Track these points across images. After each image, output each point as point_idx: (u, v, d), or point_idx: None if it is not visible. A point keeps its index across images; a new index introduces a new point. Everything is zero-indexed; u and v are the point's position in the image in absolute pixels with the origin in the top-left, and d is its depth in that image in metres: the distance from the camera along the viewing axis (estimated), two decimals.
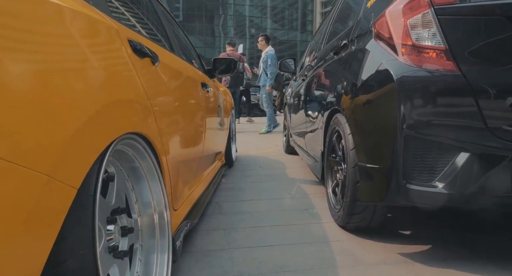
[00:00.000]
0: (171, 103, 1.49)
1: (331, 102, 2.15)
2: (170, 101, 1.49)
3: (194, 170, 2.03)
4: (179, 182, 1.64)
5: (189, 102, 1.81)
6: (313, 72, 2.92)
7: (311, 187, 2.84)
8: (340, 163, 2.03)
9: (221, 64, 2.94)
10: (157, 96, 1.30)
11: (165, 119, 1.36)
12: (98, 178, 0.80)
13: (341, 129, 1.91)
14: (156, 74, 1.35)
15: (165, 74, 1.47)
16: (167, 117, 1.39)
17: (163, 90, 1.40)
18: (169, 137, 1.40)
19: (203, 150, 2.15)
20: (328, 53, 2.47)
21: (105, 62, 0.93)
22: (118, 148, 1.04)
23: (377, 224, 1.82)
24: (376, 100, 1.55)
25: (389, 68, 1.48)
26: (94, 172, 0.79)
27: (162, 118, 1.32)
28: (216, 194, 2.67)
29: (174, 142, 1.49)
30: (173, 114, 1.50)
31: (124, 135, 0.97)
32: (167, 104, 1.43)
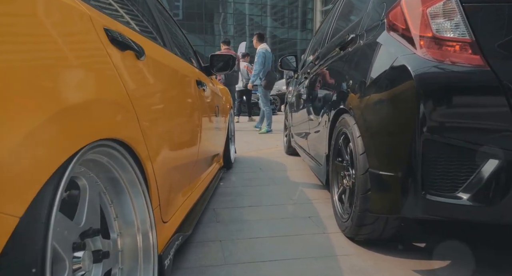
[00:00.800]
0: (160, 103, 1.32)
1: (337, 101, 1.98)
2: (159, 101, 1.32)
3: (188, 176, 1.86)
4: (169, 191, 1.47)
5: (182, 101, 1.64)
6: (317, 69, 2.75)
7: (314, 192, 2.67)
8: (347, 168, 1.86)
9: (219, 61, 2.77)
10: (142, 96, 1.13)
11: (153, 122, 1.20)
12: (54, 199, 0.63)
13: (348, 131, 1.74)
14: (142, 70, 1.18)
15: (153, 70, 1.30)
16: (155, 120, 1.23)
17: (150, 88, 1.23)
18: (157, 142, 1.23)
19: (199, 153, 1.98)
20: (334, 49, 2.30)
21: (71, 54, 0.76)
22: (90, 157, 0.87)
23: (389, 236, 1.65)
24: (390, 99, 1.38)
25: (406, 63, 1.30)
26: (48, 191, 0.62)
27: (149, 121, 1.15)
28: (213, 199, 2.51)
29: (163, 147, 1.32)
30: (162, 116, 1.33)
31: (95, 143, 0.80)
32: (155, 104, 1.26)
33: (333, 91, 2.11)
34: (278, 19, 48.09)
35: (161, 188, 1.28)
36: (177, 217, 1.56)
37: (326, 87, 2.36)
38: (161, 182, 1.29)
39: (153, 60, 1.31)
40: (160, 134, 1.29)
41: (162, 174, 1.30)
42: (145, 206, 1.06)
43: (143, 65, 1.19)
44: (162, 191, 1.31)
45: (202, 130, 2.06)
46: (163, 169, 1.32)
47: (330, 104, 2.13)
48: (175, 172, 1.55)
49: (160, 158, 1.27)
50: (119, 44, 1.01)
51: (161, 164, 1.29)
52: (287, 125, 4.56)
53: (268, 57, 6.39)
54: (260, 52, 6.37)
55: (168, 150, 1.40)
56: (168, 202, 1.45)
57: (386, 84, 1.41)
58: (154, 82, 1.28)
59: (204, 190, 2.26)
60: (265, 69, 6.36)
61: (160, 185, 1.26)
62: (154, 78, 1.29)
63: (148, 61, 1.24)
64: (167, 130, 1.39)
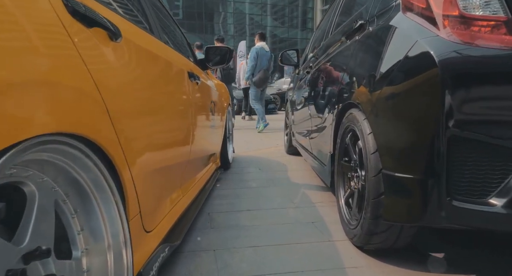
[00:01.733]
0: (141, 96, 1.13)
1: (344, 95, 1.80)
2: (141, 92, 1.13)
3: (179, 178, 1.68)
4: (154, 197, 1.28)
5: (170, 94, 1.46)
6: (320, 62, 2.56)
7: (318, 194, 2.49)
8: (355, 169, 1.67)
9: (216, 54, 2.58)
10: (116, 85, 0.95)
11: (131, 117, 1.01)
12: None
13: (357, 127, 1.56)
14: (117, 53, 0.99)
15: (133, 56, 1.11)
16: (134, 115, 1.04)
17: (128, 76, 1.05)
18: (137, 141, 1.05)
19: (191, 153, 1.80)
20: (339, 39, 2.12)
21: (9, 25, 0.58)
22: (40, 158, 0.69)
23: (404, 245, 1.47)
24: (409, 90, 1.19)
25: (427, 47, 1.12)
26: None
27: (126, 116, 0.96)
28: (208, 203, 2.32)
29: (146, 147, 1.13)
30: (145, 110, 1.15)
31: (38, 138, 0.62)
32: (135, 96, 1.08)
33: (338, 84, 1.93)
34: (278, 18, 47.93)
35: (142, 193, 1.09)
36: (164, 225, 1.38)
37: (331, 81, 2.17)
38: (143, 187, 1.10)
39: (134, 44, 1.13)
40: (142, 132, 1.11)
41: (143, 178, 1.12)
42: (118, 217, 0.88)
43: (119, 49, 1.01)
44: (144, 197, 1.13)
45: (195, 128, 1.88)
46: (145, 172, 1.13)
47: (336, 99, 1.94)
48: (162, 174, 1.37)
49: (141, 159, 1.09)
50: (83, 19, 0.82)
51: (143, 166, 1.11)
52: (287, 124, 4.37)
53: (261, 55, 6.34)
54: (253, 48, 6.43)
55: (152, 150, 1.22)
56: (152, 209, 1.27)
57: (403, 72, 1.22)
58: (134, 70, 1.10)
59: (198, 193, 2.08)
60: (258, 66, 6.33)
61: (141, 190, 1.08)
62: (133, 65, 1.10)
63: (126, 45, 1.06)
64: (151, 127, 1.20)
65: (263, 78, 6.40)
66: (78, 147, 0.75)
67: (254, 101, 6.67)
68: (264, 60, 6.36)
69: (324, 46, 2.56)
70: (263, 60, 6.34)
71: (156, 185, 1.31)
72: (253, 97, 6.67)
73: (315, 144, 2.62)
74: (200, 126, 2.03)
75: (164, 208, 1.43)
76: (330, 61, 2.26)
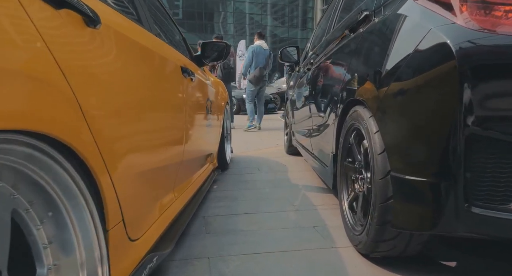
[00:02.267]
0: (124, 90, 1.02)
1: (347, 91, 1.68)
2: (124, 86, 1.02)
3: (171, 181, 1.57)
4: (140, 202, 1.17)
5: (159, 90, 1.34)
6: (321, 58, 2.45)
7: (319, 196, 2.37)
8: (359, 170, 1.56)
9: (213, 50, 2.47)
10: (92, 77, 0.83)
11: (110, 113, 0.90)
12: None
13: (362, 126, 1.44)
14: (93, 41, 0.88)
15: (114, 45, 1.00)
16: (115, 111, 0.93)
17: (107, 68, 0.93)
18: (118, 141, 0.93)
19: (184, 154, 1.69)
20: (341, 33, 2.00)
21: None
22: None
23: (414, 253, 1.35)
24: (421, 85, 1.08)
25: (442, 36, 1.01)
26: None
27: (103, 112, 0.85)
28: (204, 205, 2.21)
29: (130, 147, 1.02)
30: (129, 107, 1.04)
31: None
32: (117, 90, 0.97)
33: (341, 80, 1.81)
34: (278, 18, 47.83)
35: (126, 199, 0.98)
36: (153, 232, 1.27)
37: (333, 77, 2.06)
38: (127, 192, 0.99)
39: (116, 33, 1.01)
40: (125, 131, 1.00)
41: (128, 182, 1.01)
42: (92, 227, 0.76)
43: (98, 37, 0.90)
44: (129, 203, 1.02)
45: (189, 127, 1.76)
46: (129, 176, 1.02)
47: (338, 96, 1.83)
48: (150, 177, 1.25)
49: (124, 162, 0.98)
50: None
51: (127, 169, 1.00)
52: (287, 123, 4.26)
53: (258, 53, 6.30)
54: (250, 47, 6.44)
55: (138, 151, 1.11)
56: (139, 215, 1.16)
57: (415, 65, 1.11)
58: (115, 61, 0.99)
59: (193, 196, 1.97)
60: (254, 65, 6.29)
61: (125, 196, 0.97)
62: (114, 56, 0.99)
63: (106, 33, 0.95)
64: (137, 125, 1.09)
65: (258, 76, 6.33)
66: (40, 148, 0.64)
67: (248, 99, 6.65)
68: (261, 58, 6.31)
69: (326, 42, 2.44)
70: (259, 59, 6.30)
71: (143, 189, 1.20)
72: (248, 95, 6.65)
73: (316, 144, 2.51)
74: (195, 124, 1.92)
75: (154, 214, 1.32)
76: (332, 57, 2.15)
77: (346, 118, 1.69)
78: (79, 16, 0.81)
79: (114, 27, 1.00)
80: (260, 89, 6.63)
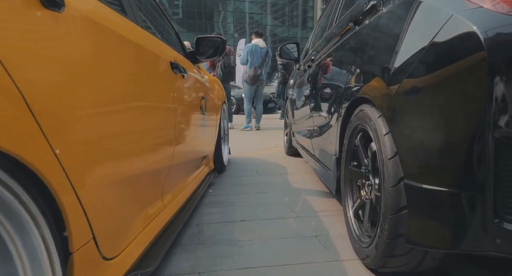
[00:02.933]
0: (94, 85, 0.87)
1: (352, 89, 1.54)
2: (92, 81, 0.87)
3: (159, 186, 1.43)
4: (118, 214, 1.03)
5: (141, 86, 1.20)
6: (323, 54, 2.31)
7: (321, 202, 2.23)
8: (366, 175, 1.42)
9: (208, 46, 2.33)
10: (47, 70, 0.69)
11: (74, 115, 0.76)
12: None
13: (370, 127, 1.30)
14: (53, 27, 0.73)
15: (84, 33, 0.85)
16: (80, 111, 0.79)
17: (73, 57, 0.79)
18: (83, 144, 0.79)
19: (174, 157, 1.54)
20: (345, 26, 1.86)
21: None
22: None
23: (429, 269, 1.21)
24: (442, 81, 0.93)
25: (467, 22, 0.86)
26: None
27: (64, 113, 0.71)
28: (197, 211, 2.06)
29: (101, 151, 0.88)
30: (100, 106, 0.89)
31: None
32: (82, 86, 0.82)
33: (346, 77, 1.67)
34: (278, 18, 47.71)
35: (97, 213, 0.84)
36: (135, 247, 1.12)
37: (337, 74, 1.91)
38: (97, 205, 0.85)
39: (86, 19, 0.87)
40: (97, 135, 0.85)
41: (99, 193, 0.86)
42: (45, 254, 0.62)
43: (60, 22, 0.75)
44: (101, 217, 0.87)
45: (180, 127, 1.62)
46: (101, 186, 0.88)
47: (342, 94, 1.68)
48: (132, 185, 1.11)
49: (94, 170, 0.83)
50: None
51: (97, 178, 0.86)
52: (287, 123, 4.11)
53: (254, 51, 6.18)
54: (245, 46, 6.43)
55: (114, 157, 0.96)
56: (115, 230, 1.01)
57: (434, 58, 0.96)
58: (81, 51, 0.84)
59: (185, 202, 1.82)
60: (250, 64, 6.18)
61: (95, 210, 0.83)
62: (81, 45, 0.84)
63: (72, 18, 0.80)
64: (112, 128, 0.95)
65: (252, 75, 6.20)
66: None
67: (246, 99, 6.55)
68: (256, 57, 6.18)
69: (328, 36, 2.30)
70: (254, 58, 6.17)
71: (122, 199, 1.05)
72: (246, 95, 6.55)
73: (317, 145, 2.37)
74: (187, 124, 1.77)
75: (136, 226, 1.18)
76: (335, 52, 2.00)
77: (351, 118, 1.54)
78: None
79: (84, 12, 0.86)
80: (258, 88, 6.49)
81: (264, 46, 6.31)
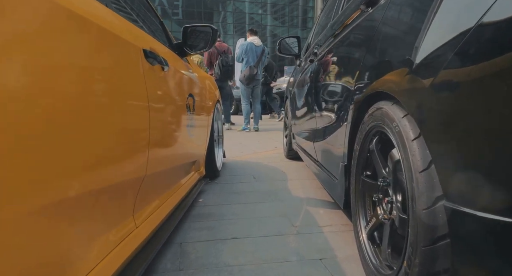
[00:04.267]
0: (16, 75, 0.60)
1: (366, 83, 1.26)
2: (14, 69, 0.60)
3: (129, 203, 1.15)
4: (61, 244, 0.75)
5: (98, 77, 0.92)
6: (328, 46, 2.03)
7: (325, 213, 1.95)
8: (384, 189, 1.14)
9: (196, 36, 2.06)
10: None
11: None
12: None
13: (391, 129, 1.03)
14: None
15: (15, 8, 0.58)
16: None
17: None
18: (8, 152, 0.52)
19: (149, 166, 1.26)
20: (355, 10, 1.58)
21: None
22: None
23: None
24: (499, 71, 0.65)
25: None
26: None
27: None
28: (183, 226, 1.79)
29: (33, 161, 0.60)
30: (33, 100, 0.62)
31: None
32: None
33: (357, 70, 1.39)
34: (278, 18, 47.52)
35: (24, 245, 0.56)
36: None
37: (345, 66, 1.64)
38: (25, 233, 0.57)
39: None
40: (27, 138, 0.58)
41: (28, 219, 0.59)
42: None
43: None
44: (30, 252, 0.60)
45: (156, 129, 1.34)
46: (32, 209, 0.60)
47: (352, 89, 1.41)
48: (81, 205, 0.84)
49: (23, 186, 0.56)
50: None
51: (26, 199, 0.58)
52: (287, 124, 3.84)
53: (249, 50, 5.90)
54: (240, 44, 6.10)
55: (52, 168, 0.69)
56: (58, 265, 0.74)
57: (484, 41, 0.69)
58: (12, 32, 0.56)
59: (166, 217, 1.55)
60: (245, 63, 5.92)
61: (21, 241, 0.55)
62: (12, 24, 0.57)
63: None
64: (47, 128, 0.67)
65: (248, 75, 5.92)
66: None
67: (243, 100, 6.27)
68: (252, 56, 5.89)
69: (334, 26, 2.02)
70: (250, 56, 5.89)
71: (67, 224, 0.78)
72: (243, 95, 6.25)
73: (321, 149, 2.09)
74: (167, 126, 1.50)
75: (91, 255, 0.90)
76: (342, 42, 1.73)
77: (364, 118, 1.27)
78: None
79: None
80: (254, 88, 6.22)
81: (260, 44, 6.03)
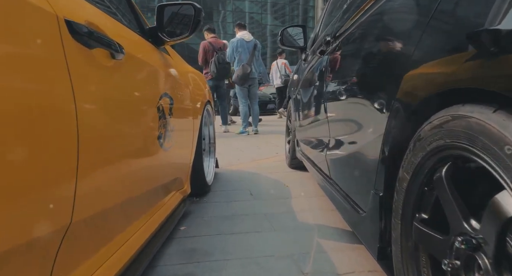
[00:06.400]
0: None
1: (429, 73, 0.79)
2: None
3: (46, 263, 0.68)
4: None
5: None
6: (351, 26, 1.54)
7: (343, 252, 1.48)
8: (467, 256, 0.67)
9: (174, 18, 1.59)
10: None
11: None
12: None
13: (493, 155, 0.55)
14: None
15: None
16: None
17: None
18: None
19: (75, 209, 0.79)
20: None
21: None
22: None
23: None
24: None
25: None
26: None
27: None
28: (153, 271, 1.31)
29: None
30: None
31: None
32: None
33: (407, 53, 0.92)
34: (278, 17, 47.09)
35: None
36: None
37: (383, 50, 1.16)
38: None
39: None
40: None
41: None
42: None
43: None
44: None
45: (92, 148, 0.87)
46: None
47: (392, 86, 0.93)
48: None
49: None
50: None
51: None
52: (290, 129, 3.36)
53: (239, 46, 5.37)
54: (230, 41, 5.50)
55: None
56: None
57: None
58: None
59: (128, 263, 1.08)
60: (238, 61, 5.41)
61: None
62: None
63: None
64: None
65: (241, 74, 5.39)
66: None
67: (240, 101, 5.76)
68: (244, 53, 5.38)
69: (354, 5, 1.54)
70: (241, 54, 5.37)
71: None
72: (239, 96, 5.75)
73: (338, 165, 1.62)
74: (116, 136, 1.02)
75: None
76: (371, 23, 1.25)
77: (422, 132, 0.79)
78: None
79: None
80: (250, 88, 5.72)
81: (251, 39, 5.50)
